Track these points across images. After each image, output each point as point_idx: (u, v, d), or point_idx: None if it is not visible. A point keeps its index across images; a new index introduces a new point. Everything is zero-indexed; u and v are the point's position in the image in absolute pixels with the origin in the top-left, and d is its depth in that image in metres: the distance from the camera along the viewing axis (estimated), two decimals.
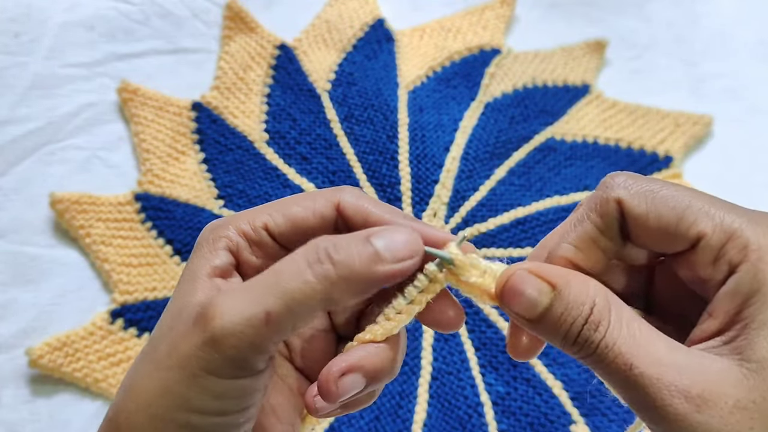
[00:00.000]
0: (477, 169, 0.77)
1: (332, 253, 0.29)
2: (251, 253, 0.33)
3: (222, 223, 0.33)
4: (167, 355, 0.29)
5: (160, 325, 0.31)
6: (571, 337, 0.29)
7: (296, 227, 0.33)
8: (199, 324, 0.28)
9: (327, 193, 0.33)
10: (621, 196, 0.30)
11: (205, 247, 0.32)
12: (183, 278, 0.32)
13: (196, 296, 0.31)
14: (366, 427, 0.66)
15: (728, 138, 0.82)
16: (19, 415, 0.65)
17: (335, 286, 0.28)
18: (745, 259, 0.27)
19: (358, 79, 0.81)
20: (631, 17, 0.89)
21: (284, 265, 0.29)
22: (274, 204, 0.34)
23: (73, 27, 0.81)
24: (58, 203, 0.71)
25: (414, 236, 0.30)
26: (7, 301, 0.68)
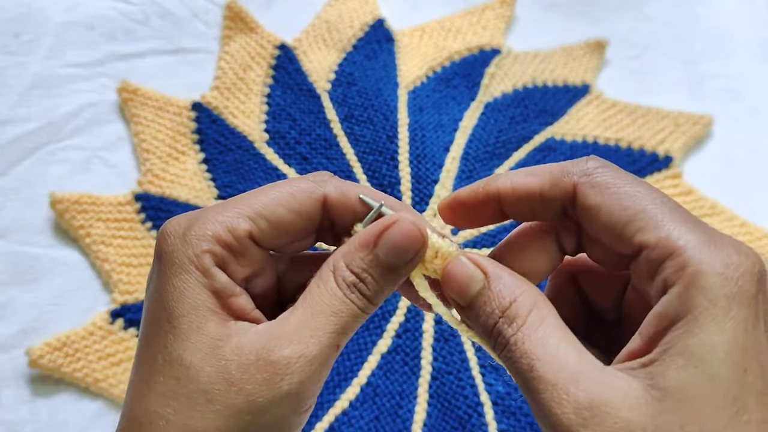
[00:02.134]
0: (477, 169, 0.77)
1: (362, 289, 0.31)
2: (237, 265, 0.31)
3: (195, 231, 0.30)
4: (247, 404, 0.28)
5: (191, 363, 0.29)
6: (488, 328, 0.29)
7: (282, 231, 0.32)
8: (278, 373, 0.28)
9: (308, 191, 0.32)
10: (580, 183, 0.29)
11: (191, 267, 0.30)
12: (184, 306, 0.30)
13: (229, 334, 0.29)
14: (366, 427, 0.66)
15: (728, 138, 0.82)
16: (19, 415, 0.65)
17: (374, 299, 0.31)
18: (679, 280, 0.26)
19: (358, 79, 0.81)
20: (631, 17, 0.89)
21: (326, 297, 0.30)
22: (250, 201, 0.31)
23: (73, 27, 0.81)
24: (58, 203, 0.71)
25: (414, 231, 0.31)
26: (7, 301, 0.68)
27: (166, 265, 0.30)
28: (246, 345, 0.29)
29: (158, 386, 0.29)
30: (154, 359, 0.29)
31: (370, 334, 0.69)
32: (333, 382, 0.67)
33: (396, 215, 0.31)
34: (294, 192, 0.32)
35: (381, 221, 0.31)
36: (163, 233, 0.31)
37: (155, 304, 0.30)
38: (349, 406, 0.66)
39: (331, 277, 0.31)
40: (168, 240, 0.31)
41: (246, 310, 0.31)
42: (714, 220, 0.76)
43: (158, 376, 0.29)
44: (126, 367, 0.67)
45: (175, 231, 0.31)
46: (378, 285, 0.31)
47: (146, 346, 0.30)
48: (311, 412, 0.31)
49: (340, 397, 0.67)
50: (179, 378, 0.29)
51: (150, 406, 0.29)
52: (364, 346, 0.69)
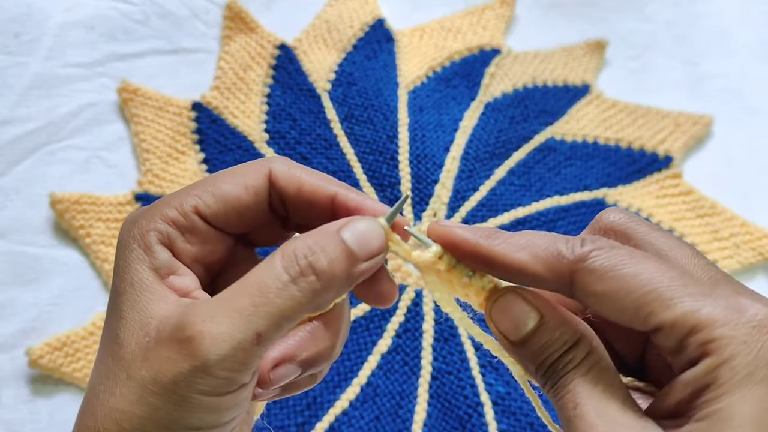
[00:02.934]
0: (477, 169, 0.77)
1: (314, 263, 0.28)
2: (185, 242, 0.31)
3: (144, 214, 0.31)
4: (152, 381, 0.27)
5: (122, 340, 0.29)
6: (544, 367, 0.29)
7: (229, 206, 0.31)
8: (185, 349, 0.27)
9: (256, 166, 0.32)
10: (575, 269, 0.28)
11: (134, 245, 0.30)
12: (123, 283, 0.30)
13: (159, 310, 0.29)
14: (366, 427, 0.66)
15: (728, 138, 0.82)
16: (19, 415, 0.65)
17: (319, 296, 0.29)
18: (706, 354, 0.26)
19: (358, 79, 0.81)
20: (631, 17, 0.89)
21: (265, 277, 0.28)
22: (200, 183, 0.32)
23: (73, 27, 0.81)
24: (58, 203, 0.71)
25: (376, 226, 0.30)
26: (7, 301, 0.68)
27: (117, 248, 0.31)
28: (168, 320, 0.28)
29: (99, 365, 0.29)
30: (102, 339, 0.30)
31: (370, 334, 0.69)
32: (333, 382, 0.67)
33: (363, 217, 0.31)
34: (243, 170, 0.32)
35: (342, 221, 0.30)
36: (124, 220, 0.32)
37: (111, 286, 0.31)
38: (349, 406, 0.66)
39: (278, 255, 0.29)
40: (123, 226, 0.31)
41: (188, 289, 0.30)
42: (714, 220, 0.76)
43: (100, 354, 0.30)
44: None
45: (130, 217, 0.31)
46: (331, 267, 0.28)
47: (103, 328, 0.31)
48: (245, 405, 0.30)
49: (340, 397, 0.67)
50: (113, 355, 0.29)
51: (91, 384, 0.29)
52: (364, 346, 0.69)
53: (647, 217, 0.76)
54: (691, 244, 0.31)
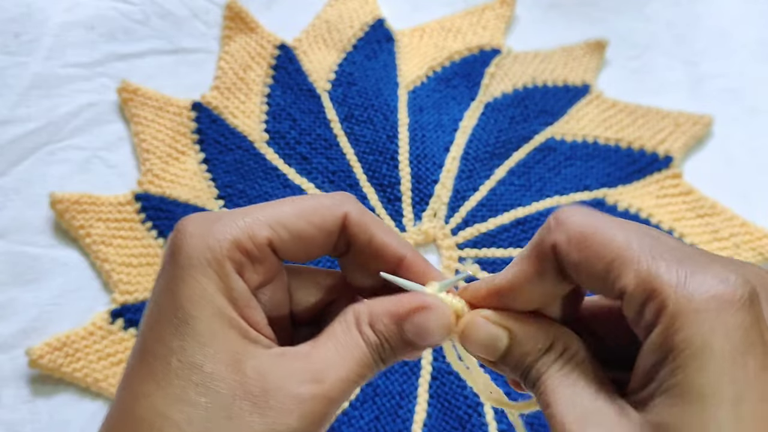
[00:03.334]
0: (477, 169, 0.77)
1: (380, 352, 0.31)
2: (253, 272, 0.30)
3: (213, 235, 0.29)
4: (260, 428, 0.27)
5: (211, 372, 0.27)
6: (525, 374, 0.30)
7: (301, 243, 0.31)
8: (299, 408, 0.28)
9: (330, 207, 0.32)
10: (557, 242, 0.28)
11: (210, 270, 0.29)
12: (202, 311, 0.28)
13: (248, 350, 0.29)
14: (366, 427, 0.66)
15: (728, 138, 0.82)
16: (19, 415, 0.65)
17: (383, 365, 0.31)
18: (658, 321, 0.25)
19: (358, 79, 0.81)
20: (631, 17, 0.89)
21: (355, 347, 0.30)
22: (272, 210, 0.31)
23: (73, 27, 0.81)
24: (58, 203, 0.71)
25: (445, 323, 0.31)
26: (7, 301, 0.68)
27: (181, 264, 0.29)
28: (269, 369, 0.28)
29: (173, 389, 0.27)
30: (167, 359, 0.28)
31: None
32: None
33: (432, 301, 0.31)
34: (316, 206, 0.31)
35: (415, 300, 0.31)
36: (180, 230, 0.29)
37: (167, 303, 0.29)
38: (349, 406, 0.66)
39: (354, 327, 0.31)
40: (186, 238, 0.29)
41: (261, 324, 0.30)
42: (714, 220, 0.76)
43: (173, 378, 0.27)
44: None
45: (194, 230, 0.29)
46: (394, 353, 0.31)
47: (157, 343, 0.28)
48: None
49: None
50: (198, 384, 0.27)
51: (161, 407, 0.27)
52: None
53: (647, 217, 0.76)
54: None
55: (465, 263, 0.73)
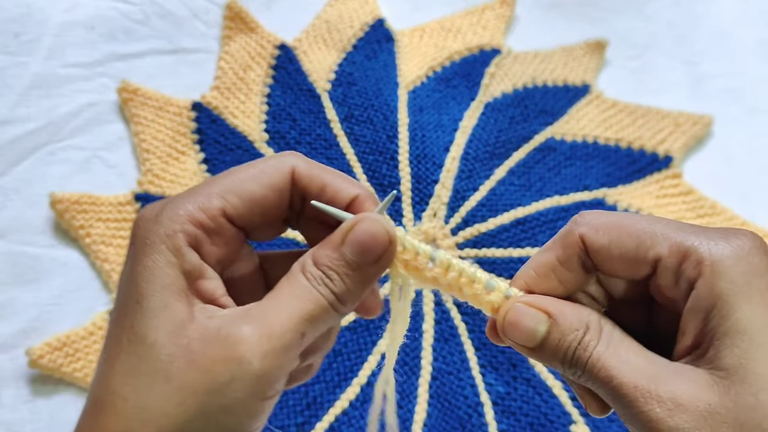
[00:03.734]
0: (477, 169, 0.77)
1: (328, 284, 0.31)
2: (211, 244, 0.31)
3: (167, 214, 0.30)
4: (202, 383, 0.28)
5: (154, 341, 0.28)
6: (567, 360, 0.31)
7: (255, 206, 0.32)
8: (238, 353, 0.28)
9: (276, 164, 0.32)
10: (584, 232, 0.31)
11: (161, 246, 0.30)
12: (152, 285, 0.29)
13: (195, 314, 0.29)
14: (366, 427, 0.66)
15: (728, 138, 0.82)
16: (19, 415, 0.65)
17: (343, 303, 0.31)
18: (700, 274, 0.29)
19: (358, 79, 0.81)
20: (631, 17, 0.89)
21: (296, 289, 0.30)
22: (220, 182, 0.32)
23: (73, 27, 0.81)
24: (58, 203, 0.71)
25: (380, 230, 0.32)
26: (7, 301, 0.68)
27: (138, 247, 0.30)
28: (209, 324, 0.29)
29: (120, 365, 0.29)
30: (119, 339, 0.29)
31: (370, 334, 0.69)
32: (333, 382, 0.67)
33: (364, 215, 0.32)
34: (263, 167, 0.32)
35: (348, 222, 0.32)
36: (137, 218, 0.31)
37: (126, 286, 0.30)
38: (349, 406, 0.66)
39: (299, 271, 0.31)
40: (141, 223, 0.31)
41: (215, 294, 0.31)
42: (714, 220, 0.76)
43: (120, 355, 0.29)
44: None
45: (148, 214, 0.31)
46: (344, 283, 0.31)
47: (113, 327, 0.30)
48: (276, 399, 0.31)
49: (340, 397, 0.67)
50: (140, 355, 0.28)
51: (111, 385, 0.29)
52: (364, 346, 0.69)
53: None
54: None
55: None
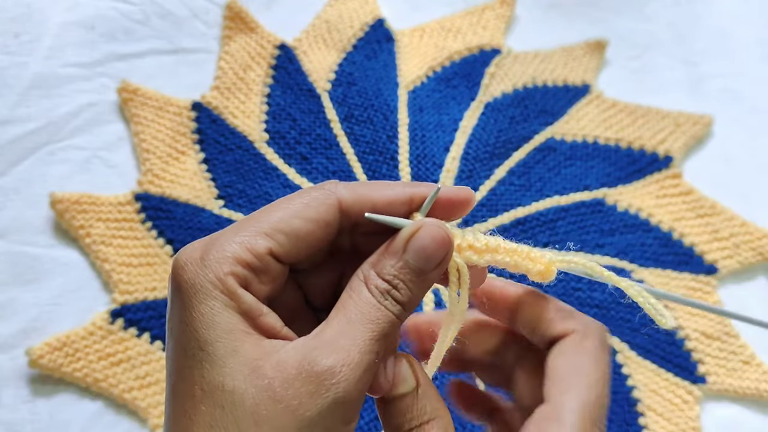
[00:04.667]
0: (477, 169, 0.77)
1: (394, 295, 0.31)
2: (260, 283, 0.30)
3: (211, 256, 0.30)
4: (293, 419, 0.28)
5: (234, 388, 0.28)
6: (399, 429, 0.32)
7: (301, 243, 0.31)
8: (323, 382, 0.28)
9: (321, 197, 0.31)
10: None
11: (215, 291, 0.29)
12: (215, 332, 0.29)
13: (267, 353, 0.29)
14: (366, 427, 0.65)
15: (728, 138, 0.82)
16: (19, 415, 0.65)
17: (408, 310, 0.32)
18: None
19: (358, 79, 0.81)
20: (631, 17, 0.89)
21: (362, 307, 0.30)
22: (266, 218, 0.31)
23: (73, 27, 0.81)
24: (58, 203, 0.71)
25: (440, 234, 0.32)
26: (7, 301, 0.68)
27: (187, 294, 0.29)
28: (286, 360, 0.28)
29: (202, 417, 0.28)
30: (191, 391, 0.28)
31: None
32: None
33: (421, 220, 0.32)
34: (308, 202, 0.31)
35: (407, 229, 0.31)
36: (178, 262, 0.30)
37: (182, 336, 0.29)
38: None
39: (363, 287, 0.31)
40: (185, 268, 0.30)
41: (276, 328, 0.30)
42: (714, 220, 0.76)
43: (200, 407, 0.28)
44: (126, 367, 0.67)
45: (191, 258, 0.30)
46: (410, 290, 0.31)
47: (180, 380, 0.29)
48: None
49: None
50: (223, 405, 0.28)
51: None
52: None
53: (647, 217, 0.76)
54: None
55: None
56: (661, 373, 0.70)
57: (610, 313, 0.72)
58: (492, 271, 0.36)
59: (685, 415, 0.68)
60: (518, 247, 0.34)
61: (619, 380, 0.69)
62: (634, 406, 0.67)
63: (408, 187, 0.33)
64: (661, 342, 0.71)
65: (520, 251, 0.34)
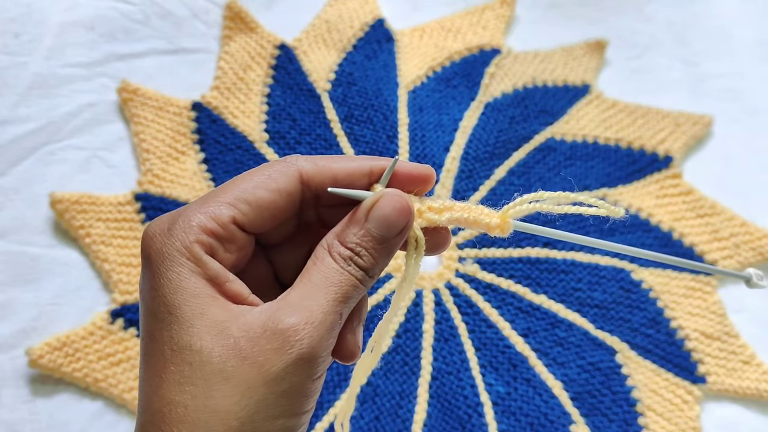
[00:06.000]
0: (477, 169, 0.77)
1: (357, 261, 0.32)
2: (225, 251, 0.32)
3: (178, 226, 0.31)
4: (259, 375, 0.29)
5: (201, 347, 0.29)
6: None
7: (265, 212, 0.32)
8: (287, 341, 0.29)
9: (283, 169, 0.33)
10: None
11: (181, 258, 0.31)
12: (183, 295, 0.30)
13: (234, 315, 0.30)
14: (366, 427, 0.66)
15: (728, 138, 0.82)
16: (19, 415, 0.65)
17: (370, 276, 0.33)
18: None
19: (358, 79, 0.81)
20: (631, 17, 0.89)
21: (327, 272, 0.32)
22: (229, 190, 0.32)
23: (73, 27, 0.81)
24: (58, 203, 0.71)
25: (401, 203, 0.33)
26: (7, 301, 0.68)
27: (156, 262, 0.31)
28: (252, 321, 0.30)
29: (171, 375, 0.29)
30: (162, 351, 0.30)
31: (370, 335, 0.69)
32: (333, 382, 0.67)
33: (382, 191, 0.33)
34: (269, 173, 0.33)
35: (368, 200, 0.33)
36: (146, 234, 0.32)
37: (152, 302, 0.31)
38: None
39: (326, 254, 0.32)
40: (154, 239, 0.31)
41: (243, 295, 0.31)
42: (714, 220, 0.76)
43: (169, 366, 0.30)
44: (126, 367, 0.67)
45: (159, 229, 0.31)
46: (372, 257, 0.32)
47: (150, 342, 0.31)
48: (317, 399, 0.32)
49: (340, 397, 0.67)
50: (191, 363, 0.29)
51: (167, 395, 0.29)
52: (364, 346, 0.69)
53: (647, 217, 0.76)
54: None
55: (464, 263, 0.73)
56: (661, 373, 0.70)
57: (610, 313, 0.72)
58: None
59: (685, 415, 0.68)
60: (473, 204, 0.36)
61: (619, 380, 0.69)
62: (633, 406, 0.67)
63: (367, 160, 0.34)
64: (661, 342, 0.71)
65: (475, 207, 0.35)
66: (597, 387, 0.68)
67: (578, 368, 0.68)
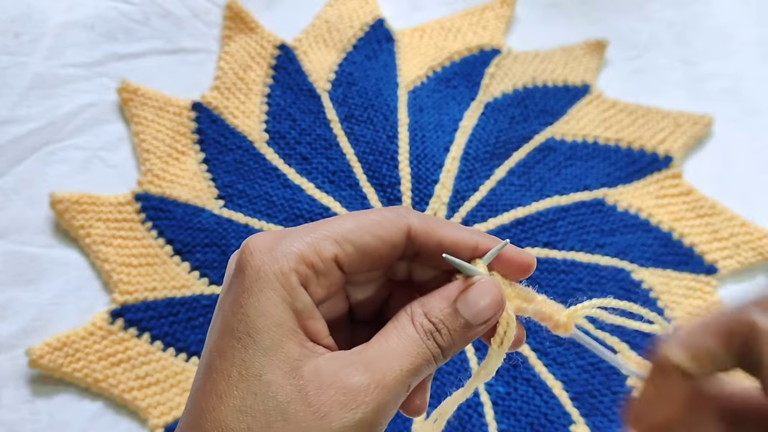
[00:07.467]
0: (477, 169, 0.77)
1: (437, 338, 0.32)
2: (317, 285, 0.31)
3: (280, 249, 0.31)
4: (319, 427, 0.28)
5: (270, 380, 0.29)
6: None
7: (366, 257, 0.32)
8: (353, 400, 0.29)
9: (393, 219, 0.32)
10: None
11: (276, 283, 0.30)
12: (265, 321, 0.29)
13: (307, 355, 0.30)
14: None
15: (728, 138, 0.82)
16: (19, 415, 0.65)
17: (444, 355, 0.32)
18: None
19: (358, 79, 0.81)
20: (631, 17, 0.89)
21: (404, 340, 0.31)
22: (338, 225, 0.32)
23: (73, 27, 0.81)
24: (58, 203, 0.71)
25: (496, 295, 0.32)
26: (7, 301, 0.68)
27: (250, 279, 0.30)
28: (324, 367, 0.29)
29: (233, 400, 0.29)
30: (229, 372, 0.29)
31: None
32: None
33: (482, 277, 0.32)
34: (380, 220, 0.32)
35: (465, 281, 0.32)
36: (247, 247, 0.31)
37: (233, 317, 0.30)
38: None
39: (409, 321, 0.31)
40: (254, 254, 0.30)
41: (322, 334, 0.31)
42: (714, 220, 0.76)
43: (233, 390, 0.29)
44: (126, 367, 0.67)
45: (261, 246, 0.31)
46: (452, 338, 0.32)
47: (219, 358, 0.30)
48: None
49: None
50: (256, 393, 0.28)
51: (223, 419, 0.28)
52: None
53: (647, 217, 0.76)
54: None
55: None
56: None
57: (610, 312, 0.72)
58: None
59: None
60: (548, 299, 0.35)
61: (619, 380, 0.69)
62: None
63: (476, 234, 0.34)
64: None
65: (551, 302, 0.35)
66: (597, 387, 0.68)
67: (578, 368, 0.68)
